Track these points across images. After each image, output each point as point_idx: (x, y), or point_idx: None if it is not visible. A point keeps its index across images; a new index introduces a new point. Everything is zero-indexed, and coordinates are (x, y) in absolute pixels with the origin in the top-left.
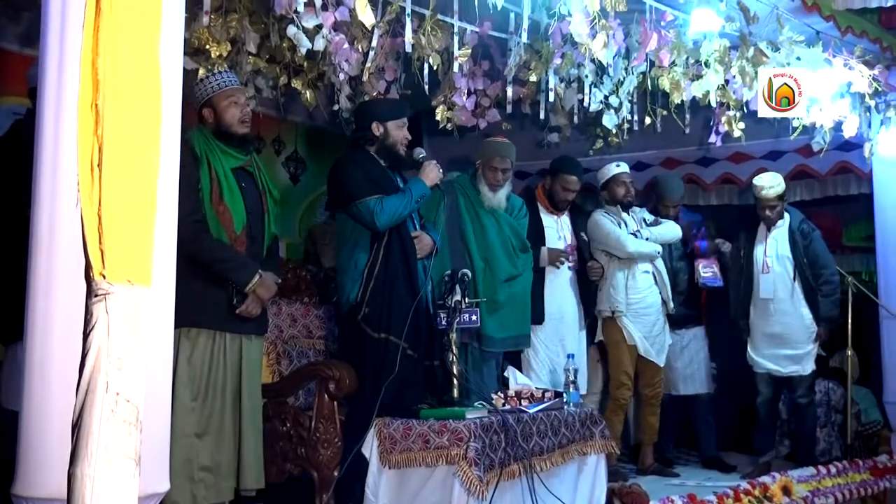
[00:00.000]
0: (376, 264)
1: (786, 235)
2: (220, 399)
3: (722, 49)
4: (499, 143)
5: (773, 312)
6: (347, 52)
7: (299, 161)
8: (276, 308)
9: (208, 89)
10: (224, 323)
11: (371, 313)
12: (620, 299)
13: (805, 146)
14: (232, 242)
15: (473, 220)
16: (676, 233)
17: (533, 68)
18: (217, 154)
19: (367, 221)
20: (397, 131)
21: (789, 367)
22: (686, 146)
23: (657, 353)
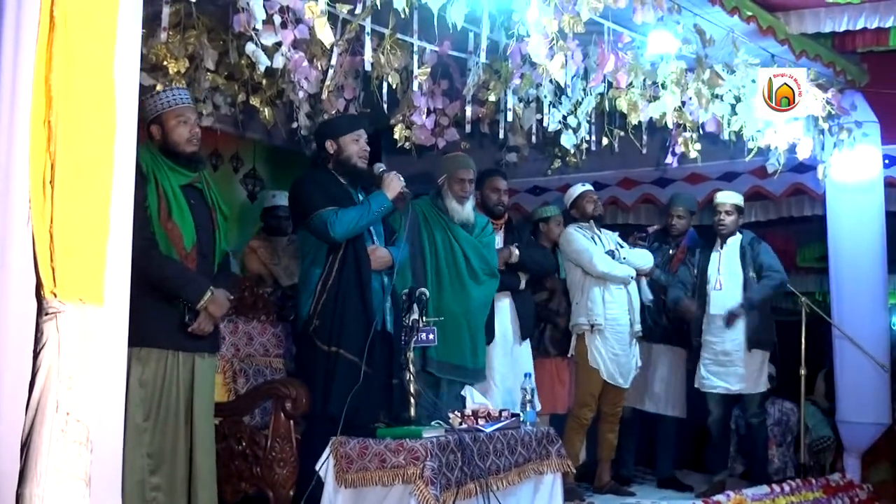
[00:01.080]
0: (329, 277)
1: (737, 251)
2: (172, 419)
3: (678, 71)
4: (461, 156)
5: (723, 329)
6: (306, 70)
7: (257, 178)
8: (233, 326)
9: (157, 106)
10: (176, 341)
11: (321, 326)
12: (599, 312)
13: (760, 168)
14: (182, 259)
15: (430, 242)
16: (648, 261)
17: (492, 88)
18: (164, 171)
19: (322, 233)
20: (352, 145)
21: (737, 385)
22: (643, 166)
23: (623, 376)
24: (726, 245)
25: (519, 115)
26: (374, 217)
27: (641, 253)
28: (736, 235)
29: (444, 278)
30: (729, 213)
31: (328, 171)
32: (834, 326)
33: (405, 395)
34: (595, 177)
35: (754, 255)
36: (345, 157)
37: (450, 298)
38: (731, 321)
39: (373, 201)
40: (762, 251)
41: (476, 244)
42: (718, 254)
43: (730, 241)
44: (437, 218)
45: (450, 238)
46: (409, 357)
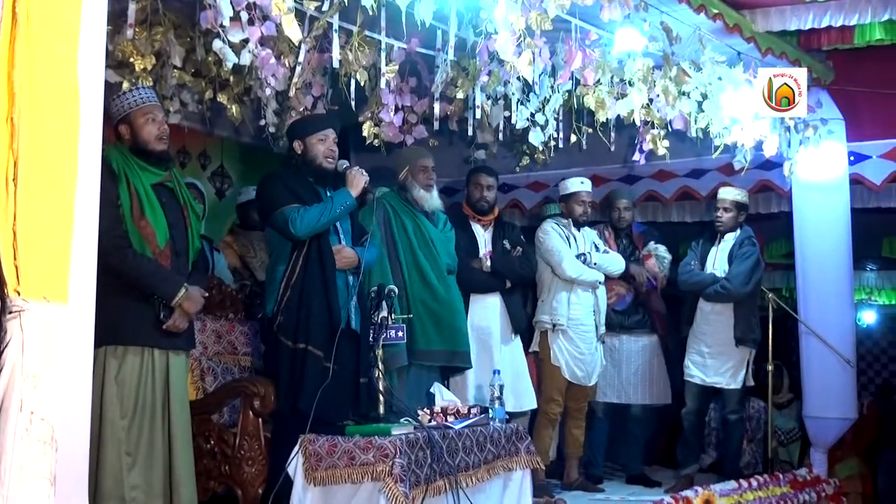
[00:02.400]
0: (293, 274)
1: (729, 249)
2: (149, 417)
3: (645, 68)
4: (414, 147)
5: (709, 322)
6: (274, 67)
7: (225, 176)
8: (201, 324)
9: (125, 105)
10: (151, 339)
11: (285, 323)
12: (563, 313)
13: (727, 165)
14: (156, 257)
15: (402, 238)
16: (620, 266)
17: (460, 85)
18: (135, 170)
19: (284, 230)
20: (318, 145)
21: (713, 378)
22: (611, 164)
23: (587, 375)
24: (724, 241)
25: (487, 113)
26: (337, 214)
27: (613, 258)
28: (736, 232)
29: (425, 268)
30: (727, 210)
31: (297, 170)
32: (800, 322)
33: (374, 392)
34: (563, 174)
35: (736, 255)
36: (311, 157)
37: (438, 285)
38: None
39: (336, 198)
40: (740, 255)
41: (443, 238)
42: (716, 249)
43: (728, 237)
44: (406, 209)
45: (421, 229)
46: (378, 355)
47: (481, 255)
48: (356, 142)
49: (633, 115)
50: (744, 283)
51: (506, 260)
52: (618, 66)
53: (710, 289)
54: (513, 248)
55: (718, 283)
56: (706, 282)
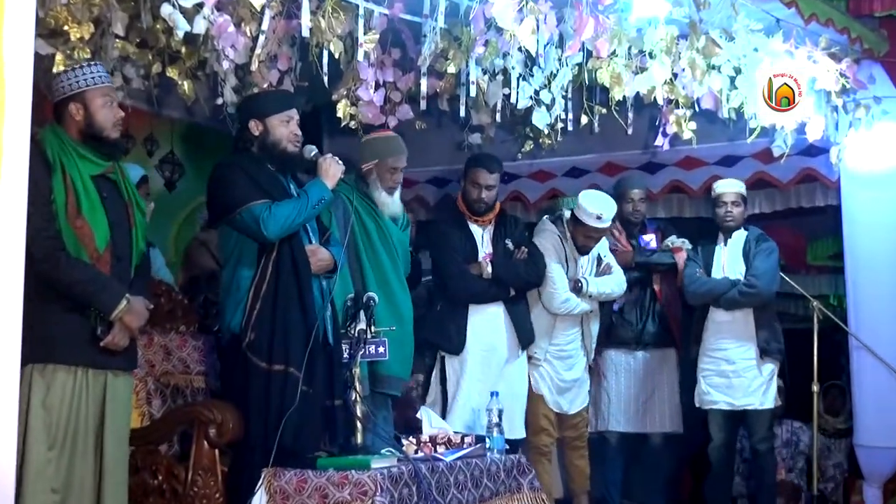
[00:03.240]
0: (263, 283)
1: (741, 248)
2: (81, 448)
3: (669, 38)
4: (393, 137)
5: (728, 334)
6: (233, 36)
7: (176, 164)
8: (147, 339)
9: (80, 82)
10: (86, 357)
11: (258, 340)
12: (541, 345)
13: (764, 151)
14: (94, 262)
15: (363, 239)
16: (619, 288)
17: (451, 58)
18: (73, 159)
19: (252, 230)
20: (281, 128)
21: (743, 399)
22: (629, 149)
23: (569, 403)
24: (731, 240)
25: (483, 90)
26: (314, 211)
27: (611, 281)
28: (741, 230)
29: (390, 277)
30: (736, 204)
31: (253, 155)
32: (850, 335)
33: (350, 418)
34: (573, 161)
35: (754, 252)
36: (272, 140)
37: (402, 303)
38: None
39: (311, 192)
40: (761, 252)
41: (405, 241)
42: (722, 250)
43: (735, 235)
44: (368, 209)
45: (385, 234)
46: (356, 374)
47: (480, 259)
48: (330, 124)
49: (654, 92)
50: (772, 280)
51: (509, 265)
52: (636, 36)
53: (728, 294)
54: (517, 249)
55: (740, 286)
56: (722, 288)
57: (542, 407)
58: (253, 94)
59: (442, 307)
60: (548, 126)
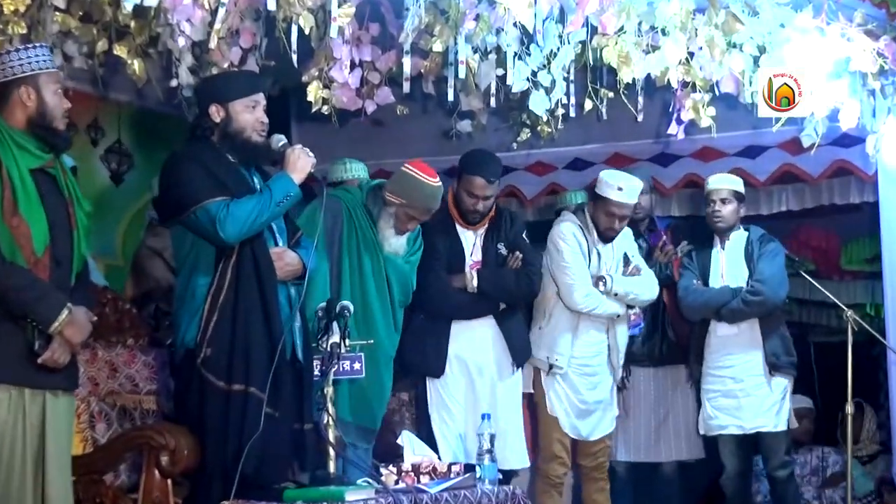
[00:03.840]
0: (221, 291)
1: (742, 251)
2: (18, 477)
3: (684, 13)
4: (434, 187)
5: (733, 349)
6: (189, 8)
7: (124, 154)
8: (90, 354)
9: (33, 64)
10: (21, 375)
11: (214, 356)
12: (563, 352)
13: (792, 140)
14: (31, 267)
15: (352, 254)
16: (650, 292)
17: (437, 34)
18: (10, 149)
19: (208, 232)
20: (245, 114)
21: (755, 421)
22: (639, 139)
23: (590, 428)
24: (729, 243)
25: (473, 71)
26: (279, 210)
27: (644, 283)
28: (740, 231)
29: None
30: (725, 202)
31: (212, 145)
32: (889, 350)
33: (322, 444)
34: (576, 152)
35: (758, 255)
36: (235, 128)
37: (382, 330)
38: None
39: (275, 188)
40: (765, 254)
41: (402, 269)
42: (720, 254)
43: (733, 237)
44: (366, 223)
45: (377, 252)
46: (328, 394)
47: (467, 269)
48: (299, 110)
49: (667, 74)
50: (779, 284)
51: (498, 275)
52: (647, 10)
53: (731, 304)
54: (510, 255)
55: (742, 294)
56: (721, 298)
57: (556, 431)
58: (214, 76)
59: (420, 322)
60: (547, 112)
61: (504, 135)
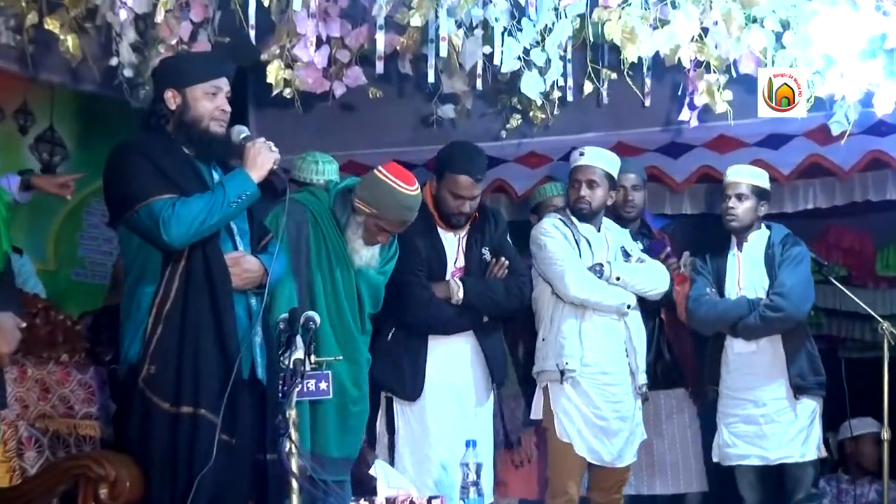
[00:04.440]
0: (167, 300)
1: (761, 254)
2: None
3: None
4: (408, 196)
5: (753, 368)
6: None
7: (57, 143)
8: (18, 371)
9: None
10: None
11: (159, 374)
12: (573, 353)
13: (820, 128)
14: None
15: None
16: (661, 282)
17: (416, 6)
18: None
19: (152, 234)
20: (204, 101)
21: (780, 451)
22: (645, 126)
23: (614, 454)
24: (747, 244)
25: (457, 48)
26: (232, 210)
27: (650, 270)
28: (760, 230)
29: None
30: (742, 199)
31: (166, 136)
32: None
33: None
34: (573, 142)
35: (780, 259)
36: (191, 117)
37: (361, 346)
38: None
39: (228, 186)
40: (788, 259)
41: (375, 282)
42: (736, 257)
43: (752, 237)
44: (334, 232)
45: (348, 264)
46: (291, 417)
47: (449, 276)
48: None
49: (678, 52)
50: (804, 296)
51: (484, 287)
52: None
53: (749, 318)
54: (494, 260)
55: (761, 308)
56: (738, 311)
57: (568, 460)
58: (172, 57)
59: (394, 337)
60: (541, 96)
61: (492, 121)
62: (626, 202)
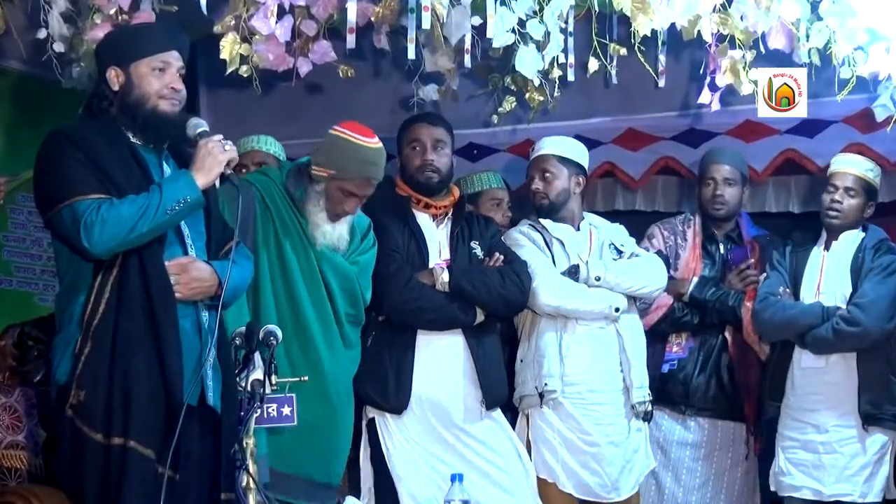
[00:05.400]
0: (96, 314)
1: (849, 257)
2: None
3: None
4: (369, 149)
5: (818, 388)
6: None
7: None
8: None
9: None
10: None
11: (89, 400)
12: (553, 371)
13: (861, 113)
14: None
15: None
16: (653, 279)
17: None
18: None
19: (73, 239)
20: (150, 78)
21: (836, 486)
22: (660, 111)
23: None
24: (836, 244)
25: (441, 19)
26: (168, 218)
27: (643, 263)
28: (855, 231)
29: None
30: (851, 193)
31: (111, 122)
32: None
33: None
34: (577, 128)
35: (869, 267)
36: (137, 96)
37: (322, 348)
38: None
39: (167, 190)
40: (877, 268)
41: (344, 270)
42: (821, 257)
43: (843, 238)
44: (287, 209)
45: (306, 248)
46: (249, 446)
47: (434, 266)
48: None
49: (697, 24)
50: (886, 313)
51: (478, 272)
52: None
53: (820, 329)
54: (488, 257)
55: (836, 318)
56: (810, 318)
57: (554, 497)
58: (114, 31)
59: (375, 340)
60: (539, 75)
61: (481, 105)
62: (713, 197)
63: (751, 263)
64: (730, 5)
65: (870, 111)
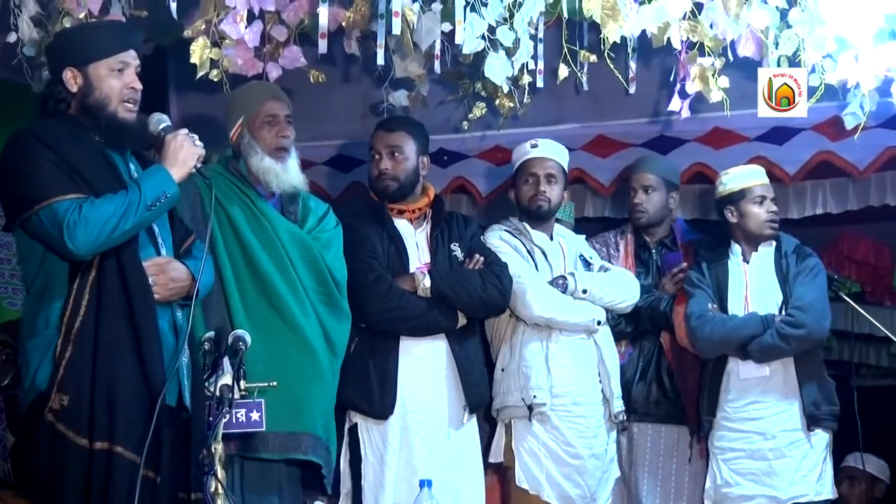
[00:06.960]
0: (76, 318)
1: (771, 266)
2: None
3: None
4: (252, 84)
5: (759, 399)
6: None
7: None
8: None
9: None
10: None
11: (72, 405)
12: (541, 383)
13: (831, 121)
14: None
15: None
16: (631, 293)
17: None
18: None
19: (54, 240)
20: (110, 79)
21: (791, 490)
22: (629, 117)
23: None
24: (755, 255)
25: (411, 25)
26: (149, 215)
27: (619, 277)
28: (770, 242)
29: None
30: (775, 201)
31: (70, 121)
32: None
33: None
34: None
35: (795, 272)
36: (96, 99)
37: (297, 313)
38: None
39: (146, 186)
40: (804, 272)
41: (301, 239)
42: (742, 269)
43: (761, 249)
44: (236, 192)
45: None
46: (217, 451)
47: (415, 271)
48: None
49: (667, 31)
50: (825, 312)
51: (459, 276)
52: None
53: (765, 336)
54: (468, 259)
55: (777, 324)
56: (751, 327)
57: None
58: (67, 30)
59: (358, 346)
60: (508, 81)
61: (451, 110)
62: (633, 206)
63: (683, 267)
64: (699, 13)
65: (839, 119)
